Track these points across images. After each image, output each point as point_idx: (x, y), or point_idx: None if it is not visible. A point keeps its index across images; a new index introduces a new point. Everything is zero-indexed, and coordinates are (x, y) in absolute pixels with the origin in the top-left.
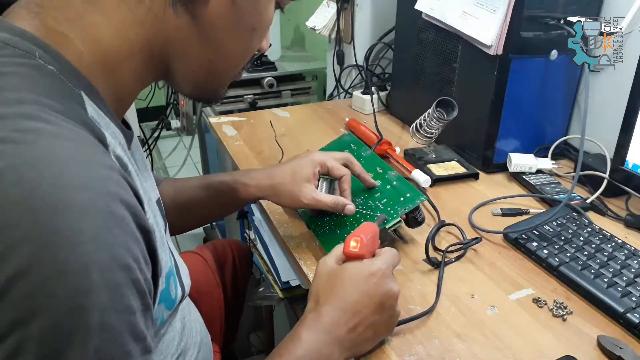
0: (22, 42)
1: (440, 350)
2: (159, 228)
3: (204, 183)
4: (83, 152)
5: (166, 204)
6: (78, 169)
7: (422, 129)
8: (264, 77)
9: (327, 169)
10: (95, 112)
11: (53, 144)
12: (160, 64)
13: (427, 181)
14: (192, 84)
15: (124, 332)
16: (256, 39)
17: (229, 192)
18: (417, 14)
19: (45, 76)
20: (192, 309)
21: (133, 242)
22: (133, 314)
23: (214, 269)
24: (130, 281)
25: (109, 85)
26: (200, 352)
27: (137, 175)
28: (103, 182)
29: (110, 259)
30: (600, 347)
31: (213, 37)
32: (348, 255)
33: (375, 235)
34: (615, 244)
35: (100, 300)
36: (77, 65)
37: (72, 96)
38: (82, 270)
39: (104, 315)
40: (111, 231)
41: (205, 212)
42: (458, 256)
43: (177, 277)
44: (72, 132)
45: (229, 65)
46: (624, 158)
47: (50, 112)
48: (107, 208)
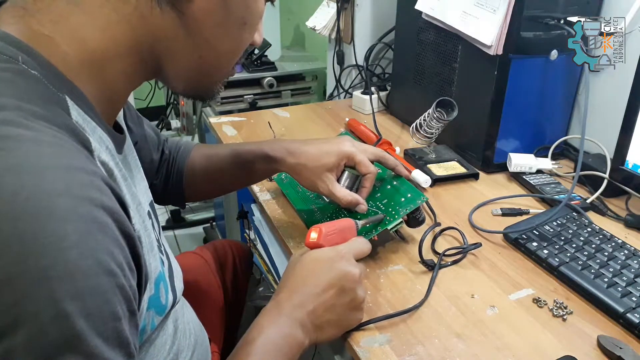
0: (5, 46)
1: (440, 350)
2: (148, 233)
3: (233, 153)
4: (64, 158)
5: (198, 172)
6: (58, 175)
7: (422, 129)
8: (264, 77)
9: (354, 163)
10: (80, 117)
11: (33, 150)
12: (150, 62)
13: (427, 181)
14: (184, 81)
15: (109, 339)
16: (247, 33)
17: (255, 163)
18: (417, 14)
19: (28, 81)
20: (186, 310)
21: (117, 248)
22: (119, 320)
23: (214, 270)
24: (116, 287)
25: (96, 87)
26: (194, 354)
27: (125, 180)
28: (84, 188)
29: (95, 265)
30: (600, 347)
31: (201, 33)
32: (307, 245)
33: (345, 228)
34: (615, 244)
35: (86, 306)
36: (62, 69)
37: (56, 101)
38: (66, 277)
39: (89, 322)
40: (94, 237)
41: (234, 180)
42: (455, 260)
43: (168, 283)
44: (54, 137)
45: (221, 61)
46: (624, 158)
47: (32, 118)
48: (89, 214)
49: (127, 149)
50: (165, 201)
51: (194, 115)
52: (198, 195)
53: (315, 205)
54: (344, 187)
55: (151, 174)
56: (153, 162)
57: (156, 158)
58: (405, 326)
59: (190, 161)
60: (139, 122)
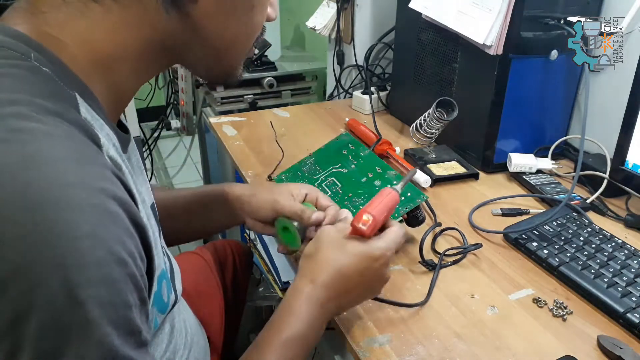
0: (17, 44)
1: (440, 350)
2: (153, 230)
3: (195, 192)
4: (76, 151)
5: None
6: (71, 166)
7: (422, 129)
8: (264, 77)
9: (314, 198)
10: (89, 114)
11: (46, 143)
12: (163, 58)
13: (427, 181)
14: (204, 70)
15: (121, 327)
16: (258, 14)
17: (217, 198)
18: (417, 14)
19: (39, 78)
20: (183, 309)
21: (128, 238)
22: (129, 309)
23: (215, 270)
24: (127, 276)
25: (105, 85)
26: (191, 352)
27: (132, 177)
28: (96, 179)
29: (107, 254)
30: (600, 347)
31: (212, 27)
32: (354, 228)
33: (392, 209)
34: (615, 244)
35: (98, 294)
36: (72, 67)
37: (66, 98)
38: (79, 266)
39: (101, 310)
40: (106, 227)
41: (195, 222)
42: (455, 260)
43: (170, 282)
44: (65, 131)
45: (237, 47)
46: (624, 158)
47: (44, 113)
48: (101, 204)
49: (131, 150)
50: None
51: (194, 115)
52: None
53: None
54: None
55: None
56: None
57: None
58: (405, 326)
59: None
60: None
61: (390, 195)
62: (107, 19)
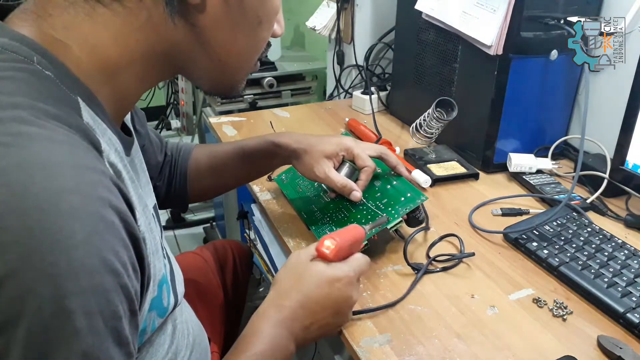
0: (21, 47)
1: (440, 350)
2: (153, 235)
3: (237, 146)
4: (75, 157)
5: (203, 169)
6: (69, 172)
7: (422, 129)
8: (264, 77)
9: (352, 156)
10: (92, 119)
11: (45, 148)
12: (167, 67)
13: (427, 181)
14: (207, 82)
15: (109, 337)
16: (265, 31)
17: (260, 151)
18: (417, 14)
19: (42, 81)
20: (185, 310)
21: (122, 248)
22: (119, 319)
23: (215, 270)
24: (119, 286)
25: (110, 90)
26: (193, 353)
27: (133, 182)
28: (94, 186)
29: (99, 264)
30: (600, 347)
31: (218, 40)
32: (318, 253)
33: (357, 241)
34: (615, 244)
35: (88, 304)
36: (75, 71)
37: (68, 102)
38: (71, 274)
39: (90, 320)
40: (101, 236)
41: (239, 173)
42: (445, 267)
43: (170, 286)
44: (65, 136)
45: (241, 61)
46: (624, 158)
47: (45, 117)
48: (97, 213)
49: (134, 152)
50: (167, 204)
51: (194, 115)
52: (203, 192)
53: (315, 205)
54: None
55: (154, 176)
56: (157, 164)
57: (160, 160)
58: (405, 326)
59: (193, 160)
60: (145, 126)
61: (356, 229)
62: (113, 23)
